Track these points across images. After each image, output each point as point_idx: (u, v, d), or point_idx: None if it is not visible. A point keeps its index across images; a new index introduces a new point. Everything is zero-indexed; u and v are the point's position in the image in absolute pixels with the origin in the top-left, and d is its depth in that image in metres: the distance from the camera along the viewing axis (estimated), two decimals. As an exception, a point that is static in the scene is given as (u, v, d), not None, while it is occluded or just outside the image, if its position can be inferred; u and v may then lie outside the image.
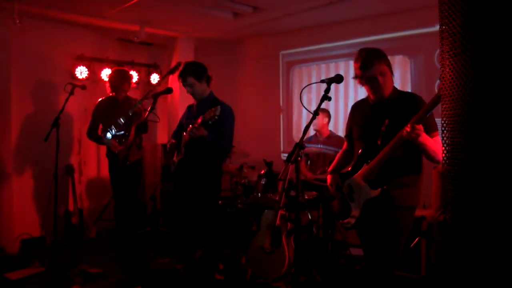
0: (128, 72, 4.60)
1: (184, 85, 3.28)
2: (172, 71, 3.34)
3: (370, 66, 2.28)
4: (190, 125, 3.12)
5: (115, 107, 4.31)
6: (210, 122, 2.92)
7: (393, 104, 2.35)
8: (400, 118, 2.23)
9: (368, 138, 2.40)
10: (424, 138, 2.13)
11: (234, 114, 3.32)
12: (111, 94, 4.43)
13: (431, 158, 2.23)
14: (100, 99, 4.49)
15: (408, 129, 2.09)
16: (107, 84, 4.46)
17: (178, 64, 3.30)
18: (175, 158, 3.41)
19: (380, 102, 2.38)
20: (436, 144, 2.21)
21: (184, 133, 3.27)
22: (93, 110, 4.45)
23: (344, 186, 2.46)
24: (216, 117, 2.88)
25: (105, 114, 4.33)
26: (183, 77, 3.25)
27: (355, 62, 2.35)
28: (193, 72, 3.23)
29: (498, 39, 1.06)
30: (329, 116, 4.61)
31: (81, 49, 5.33)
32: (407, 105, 2.31)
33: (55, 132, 4.03)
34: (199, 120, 3.00)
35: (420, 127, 2.08)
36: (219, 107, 2.90)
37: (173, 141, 3.48)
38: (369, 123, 2.42)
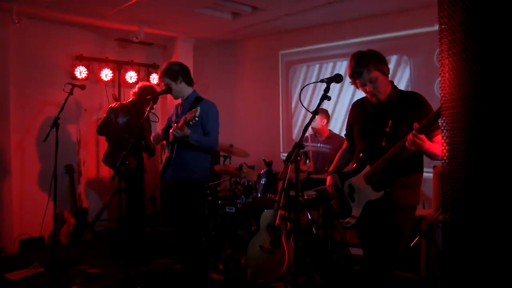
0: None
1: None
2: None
3: (358, 75, 2.29)
4: (175, 124, 3.20)
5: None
6: (190, 123, 3.02)
7: (395, 104, 2.34)
8: (404, 119, 2.23)
9: (370, 138, 2.39)
10: (428, 147, 2.09)
11: (217, 110, 3.35)
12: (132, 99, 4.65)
13: (433, 159, 2.23)
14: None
15: (410, 138, 2.06)
16: (137, 91, 4.64)
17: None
18: (163, 156, 3.45)
19: (381, 103, 2.37)
20: (437, 146, 2.20)
21: (171, 131, 3.31)
22: None
23: (345, 186, 2.45)
24: (196, 118, 2.99)
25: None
26: (160, 78, 3.38)
27: (348, 68, 2.36)
28: (166, 73, 3.32)
29: (497, 38, 1.05)
30: (327, 117, 4.60)
31: (80, 49, 5.33)
32: (409, 105, 2.30)
33: (55, 132, 4.02)
34: (182, 121, 3.08)
35: (423, 137, 2.05)
36: (198, 108, 3.00)
37: (160, 132, 3.58)
38: (371, 122, 2.41)
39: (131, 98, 4.69)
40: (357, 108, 2.56)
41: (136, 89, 4.65)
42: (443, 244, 1.31)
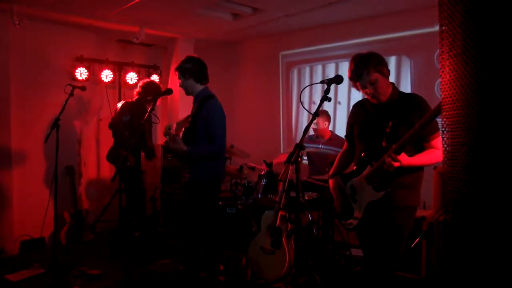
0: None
1: None
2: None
3: (358, 77, 2.30)
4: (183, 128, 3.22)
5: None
6: (171, 138, 3.13)
7: (396, 105, 2.35)
8: (404, 120, 2.23)
9: (370, 138, 2.40)
10: (407, 162, 2.17)
11: (222, 112, 3.29)
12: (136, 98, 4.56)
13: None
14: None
15: (387, 161, 2.15)
16: (139, 90, 4.55)
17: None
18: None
19: (382, 104, 2.38)
20: (424, 156, 2.26)
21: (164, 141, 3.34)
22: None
23: (347, 187, 2.46)
24: (175, 137, 3.12)
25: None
26: (175, 71, 3.39)
27: (348, 70, 2.38)
28: (178, 68, 3.34)
29: (498, 39, 1.05)
30: (329, 119, 4.60)
31: (81, 50, 5.33)
32: (409, 106, 2.31)
33: (55, 133, 4.03)
34: (181, 133, 3.14)
35: (401, 156, 2.14)
36: (172, 125, 3.15)
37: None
38: (371, 123, 2.42)
39: (136, 97, 4.68)
40: (357, 109, 2.57)
41: (138, 89, 4.62)
42: (444, 245, 1.31)
